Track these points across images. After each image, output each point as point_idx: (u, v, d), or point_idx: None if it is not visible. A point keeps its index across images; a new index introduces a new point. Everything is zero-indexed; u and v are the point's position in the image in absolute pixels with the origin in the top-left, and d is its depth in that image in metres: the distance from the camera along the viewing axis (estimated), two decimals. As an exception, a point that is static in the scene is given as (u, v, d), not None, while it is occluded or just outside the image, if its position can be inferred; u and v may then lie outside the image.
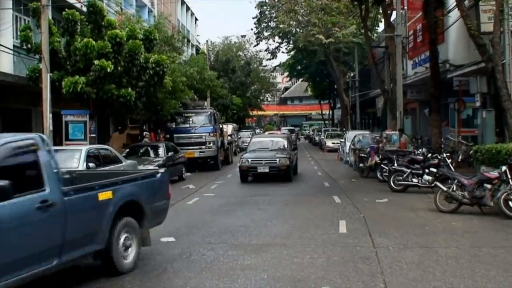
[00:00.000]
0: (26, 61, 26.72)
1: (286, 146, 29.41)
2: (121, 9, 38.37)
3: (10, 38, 26.67)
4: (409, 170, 21.97)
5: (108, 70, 24.71)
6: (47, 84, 23.43)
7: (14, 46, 26.73)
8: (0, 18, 26.14)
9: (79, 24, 26.61)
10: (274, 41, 69.21)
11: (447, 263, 10.76)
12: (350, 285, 9.37)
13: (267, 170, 27.02)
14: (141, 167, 23.20)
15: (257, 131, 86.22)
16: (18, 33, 26.32)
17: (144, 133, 37.58)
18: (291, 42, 67.54)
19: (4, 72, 25.04)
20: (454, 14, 28.37)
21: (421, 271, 10.15)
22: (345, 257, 11.30)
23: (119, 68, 26.27)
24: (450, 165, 22.21)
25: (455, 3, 25.62)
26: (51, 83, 23.73)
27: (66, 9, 26.58)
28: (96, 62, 24.71)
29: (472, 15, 26.46)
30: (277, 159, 27.24)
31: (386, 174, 23.96)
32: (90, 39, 25.34)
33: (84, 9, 29.16)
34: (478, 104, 27.90)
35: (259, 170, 27.20)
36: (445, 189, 17.00)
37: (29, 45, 25.34)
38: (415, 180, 21.51)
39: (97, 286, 9.74)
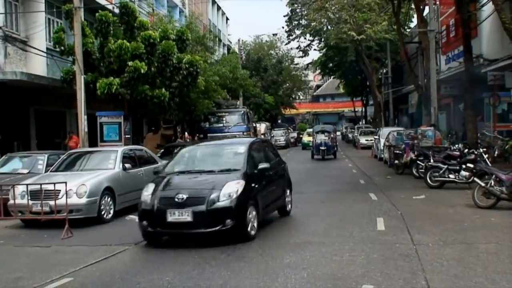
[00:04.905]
0: (60, 63, 26.97)
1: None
2: (153, 10, 38.64)
3: (43, 41, 26.97)
4: (445, 166, 21.67)
5: (142, 71, 24.86)
6: (81, 86, 23.63)
7: (47, 48, 27.01)
8: (33, 21, 26.44)
9: (112, 25, 26.76)
10: (305, 39, 69.06)
11: (487, 259, 10.64)
12: (391, 283, 9.28)
13: None
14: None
15: (291, 129, 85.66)
16: (51, 35, 26.55)
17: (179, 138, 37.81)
18: (322, 39, 67.25)
19: (39, 75, 25.28)
20: (488, 8, 28.13)
21: (462, 268, 10.04)
22: (385, 254, 11.21)
23: (153, 69, 26.42)
24: (487, 160, 21.98)
25: (489, -3, 25.42)
26: (85, 84, 23.93)
27: (99, 11, 26.76)
28: (130, 63, 24.85)
29: (507, 8, 26.19)
30: None
31: (422, 170, 23.73)
32: (124, 41, 25.48)
33: (116, 10, 29.36)
34: (513, 98, 27.71)
35: None
36: (483, 184, 16.75)
37: (62, 47, 25.56)
38: (452, 176, 21.32)
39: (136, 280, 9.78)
